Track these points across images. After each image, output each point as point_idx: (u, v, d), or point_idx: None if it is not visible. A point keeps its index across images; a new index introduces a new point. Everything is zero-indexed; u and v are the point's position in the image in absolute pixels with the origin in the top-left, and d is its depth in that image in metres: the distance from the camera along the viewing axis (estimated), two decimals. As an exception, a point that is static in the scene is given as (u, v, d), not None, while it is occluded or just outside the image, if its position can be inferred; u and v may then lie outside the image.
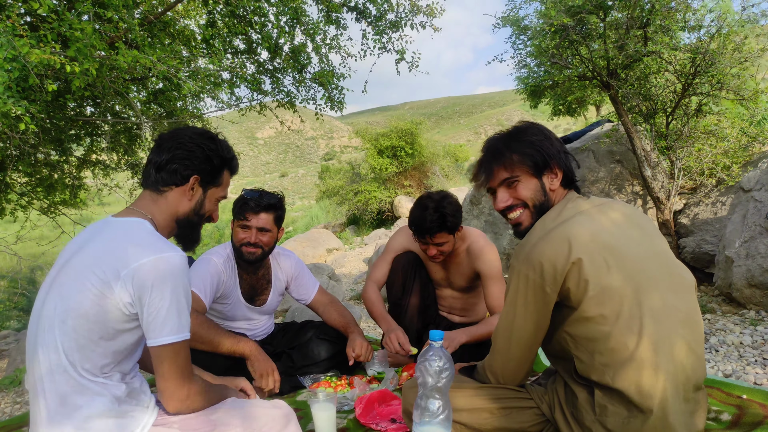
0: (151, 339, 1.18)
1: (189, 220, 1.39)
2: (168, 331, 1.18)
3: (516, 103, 52.84)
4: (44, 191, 4.48)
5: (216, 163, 1.39)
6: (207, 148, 1.37)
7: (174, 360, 1.20)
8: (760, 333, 3.18)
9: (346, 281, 8.03)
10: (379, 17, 4.13)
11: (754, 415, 1.69)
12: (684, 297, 1.31)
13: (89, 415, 1.17)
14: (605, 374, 1.25)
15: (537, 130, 1.46)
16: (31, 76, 2.18)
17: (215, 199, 1.44)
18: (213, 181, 1.41)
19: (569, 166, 1.44)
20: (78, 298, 1.17)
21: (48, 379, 1.17)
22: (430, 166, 14.31)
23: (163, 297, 1.17)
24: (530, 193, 1.42)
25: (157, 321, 1.17)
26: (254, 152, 64.65)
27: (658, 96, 4.66)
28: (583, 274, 1.24)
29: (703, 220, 4.56)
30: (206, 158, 1.37)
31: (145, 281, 1.16)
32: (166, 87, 3.88)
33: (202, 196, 1.40)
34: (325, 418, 1.63)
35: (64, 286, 1.20)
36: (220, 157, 1.40)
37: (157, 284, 1.16)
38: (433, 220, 2.10)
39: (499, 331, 1.41)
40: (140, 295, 1.16)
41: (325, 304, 2.45)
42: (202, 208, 1.41)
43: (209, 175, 1.39)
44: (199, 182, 1.37)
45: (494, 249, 2.29)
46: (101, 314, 1.16)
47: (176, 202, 1.36)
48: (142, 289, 1.16)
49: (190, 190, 1.36)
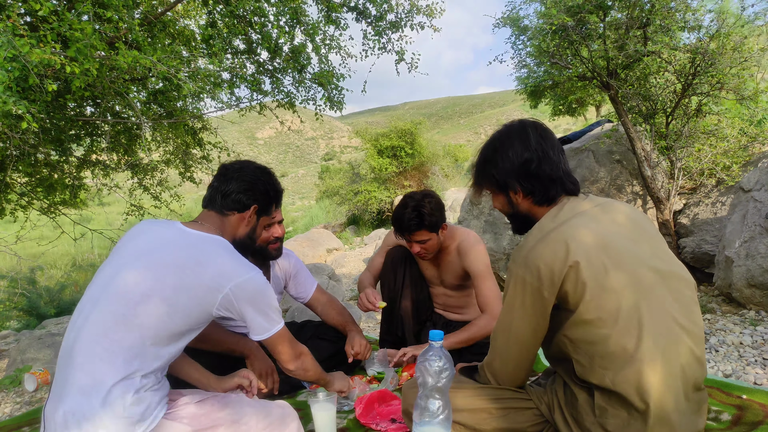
0: (256, 336, 1.45)
1: (243, 242, 1.62)
2: (269, 325, 1.45)
3: (516, 103, 52.82)
4: (44, 191, 4.47)
5: (272, 196, 1.67)
6: (266, 182, 1.65)
7: (280, 343, 1.50)
8: (760, 333, 3.18)
9: (346, 281, 8.03)
10: (379, 17, 4.12)
11: (754, 415, 1.70)
12: (684, 298, 1.30)
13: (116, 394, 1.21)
14: (605, 377, 1.25)
15: (494, 145, 1.43)
16: (31, 76, 2.18)
17: (265, 226, 1.73)
18: (266, 211, 1.67)
19: (531, 180, 1.38)
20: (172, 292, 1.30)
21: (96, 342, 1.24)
22: (430, 166, 14.31)
23: (262, 307, 1.42)
24: (499, 206, 1.50)
25: (260, 322, 1.43)
26: (254, 152, 64.64)
27: (658, 96, 4.66)
28: (580, 278, 1.24)
29: (703, 220, 4.56)
30: (265, 191, 1.64)
31: (245, 296, 1.38)
32: (166, 87, 3.88)
33: (256, 223, 1.66)
34: (324, 417, 1.64)
35: (155, 276, 1.32)
36: (276, 190, 1.69)
37: (254, 299, 1.40)
38: (411, 218, 2.13)
39: (497, 333, 1.41)
40: (240, 308, 1.38)
41: (323, 303, 2.45)
42: (254, 233, 1.67)
43: (265, 206, 1.65)
44: (255, 211, 1.62)
45: (483, 247, 2.31)
46: (189, 313, 1.32)
47: (236, 225, 1.60)
48: (242, 302, 1.38)
49: (249, 217, 1.61)
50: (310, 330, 2.46)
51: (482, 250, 2.29)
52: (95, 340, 1.25)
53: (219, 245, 1.43)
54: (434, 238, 2.21)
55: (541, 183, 1.38)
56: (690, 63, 4.26)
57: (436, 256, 2.38)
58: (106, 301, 1.29)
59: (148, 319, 1.27)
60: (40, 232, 4.90)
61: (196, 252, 1.37)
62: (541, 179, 1.37)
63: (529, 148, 1.37)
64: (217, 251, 1.40)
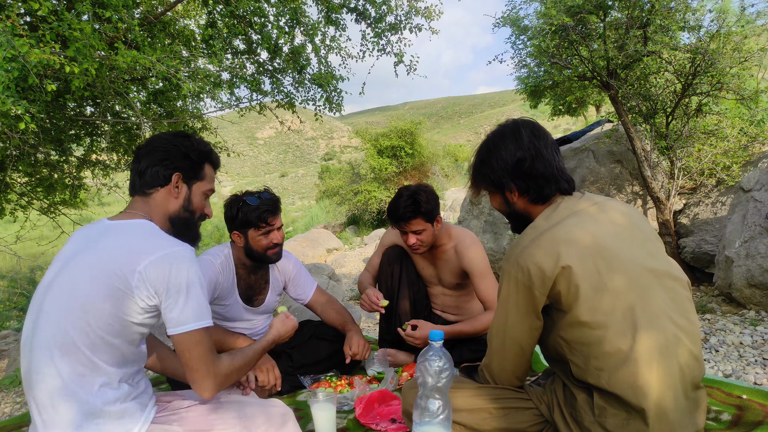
0: (171, 328, 1.23)
1: (181, 217, 1.44)
2: (186, 318, 1.23)
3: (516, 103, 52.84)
4: (44, 191, 4.48)
5: (195, 158, 1.44)
6: (182, 146, 1.42)
7: (195, 347, 1.24)
8: (760, 333, 3.18)
9: (346, 281, 8.03)
10: (378, 19, 4.12)
11: (754, 415, 1.69)
12: (679, 297, 1.30)
13: (88, 411, 1.18)
14: (600, 378, 1.25)
15: (488, 147, 1.45)
16: (31, 76, 2.18)
17: (201, 193, 1.48)
18: (195, 175, 1.45)
19: (525, 179, 1.39)
20: (91, 294, 1.20)
21: (48, 373, 1.18)
22: (430, 166, 14.32)
23: (180, 286, 1.23)
24: (496, 205, 1.51)
25: (176, 309, 1.23)
26: (254, 152, 64.65)
27: (658, 96, 4.66)
28: (573, 280, 1.24)
29: (703, 220, 4.56)
30: (184, 155, 1.42)
31: (162, 273, 1.21)
32: (166, 87, 3.88)
33: (188, 192, 1.45)
34: (324, 418, 1.63)
35: (73, 284, 1.23)
36: (198, 151, 1.45)
37: (172, 276, 1.22)
38: (407, 205, 2.15)
39: (493, 333, 1.41)
40: (157, 289, 1.22)
41: (323, 304, 2.45)
42: (190, 204, 1.46)
43: (190, 171, 1.44)
44: (182, 179, 1.43)
45: (480, 247, 2.32)
46: (117, 308, 1.21)
47: (164, 201, 1.41)
48: (159, 281, 1.21)
49: (174, 188, 1.42)
50: (309, 330, 2.45)
51: (480, 250, 2.30)
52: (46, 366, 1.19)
53: (135, 228, 1.31)
54: (429, 229, 2.23)
55: (535, 181, 1.38)
56: (690, 63, 4.26)
57: (433, 254, 2.39)
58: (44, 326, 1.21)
59: (77, 334, 1.19)
60: (40, 232, 4.89)
61: (109, 243, 1.27)
62: (535, 178, 1.38)
63: (522, 147, 1.38)
64: (131, 235, 1.29)
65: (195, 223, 1.49)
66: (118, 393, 1.22)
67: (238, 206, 2.13)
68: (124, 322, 1.22)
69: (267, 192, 2.20)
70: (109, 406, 1.20)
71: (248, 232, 2.15)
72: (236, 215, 2.13)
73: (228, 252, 2.24)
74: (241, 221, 2.13)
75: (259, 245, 2.15)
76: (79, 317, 1.19)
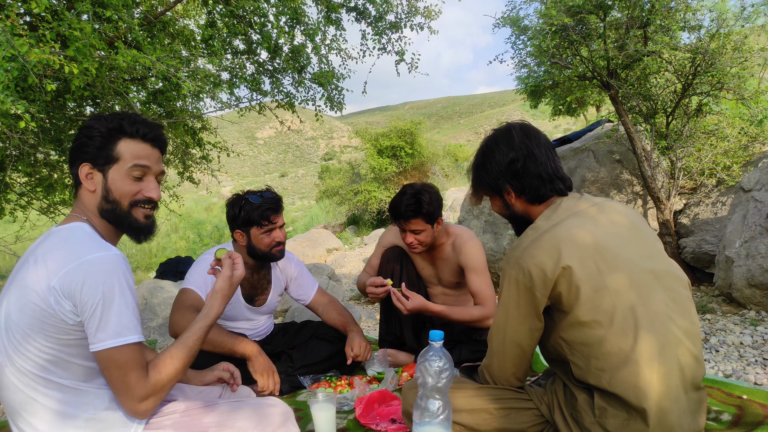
0: (91, 345, 1.12)
1: (105, 210, 1.26)
2: (105, 336, 1.11)
3: (516, 103, 52.81)
4: (44, 191, 4.47)
5: (98, 141, 1.24)
6: (86, 131, 1.25)
7: (117, 365, 1.12)
8: (761, 333, 3.18)
9: (346, 281, 8.03)
10: (378, 18, 4.12)
11: (754, 415, 1.69)
12: (678, 297, 1.30)
13: (69, 425, 1.15)
14: (601, 378, 1.25)
15: (483, 150, 1.47)
16: (31, 75, 2.17)
17: (124, 176, 1.26)
18: (107, 159, 1.25)
19: (519, 179, 1.40)
20: (18, 318, 1.13)
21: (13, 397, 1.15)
22: (430, 166, 14.32)
23: (95, 300, 1.10)
24: (497, 208, 1.52)
25: (93, 324, 1.10)
26: (254, 152, 64.66)
27: (658, 96, 4.65)
28: (573, 280, 1.24)
29: (703, 220, 4.56)
30: (88, 140, 1.24)
31: (75, 287, 1.10)
32: (166, 87, 3.87)
33: (104, 180, 1.25)
34: (324, 418, 1.63)
35: (10, 305, 1.16)
36: (99, 131, 1.24)
37: (86, 288, 1.10)
38: (409, 204, 2.14)
39: (493, 334, 1.41)
40: (74, 302, 1.10)
41: (324, 305, 2.45)
42: (110, 194, 1.25)
43: (98, 156, 1.24)
44: (93, 168, 1.25)
45: (478, 243, 2.30)
46: (47, 329, 1.12)
47: (87, 198, 1.26)
48: (74, 295, 1.10)
49: (88, 180, 1.25)
50: (310, 330, 2.45)
51: (477, 246, 2.29)
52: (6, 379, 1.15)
53: (62, 236, 1.19)
54: (428, 231, 2.21)
55: (530, 181, 1.40)
56: (690, 63, 4.26)
57: (432, 254, 2.38)
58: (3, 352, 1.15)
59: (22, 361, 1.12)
60: (39, 232, 4.87)
61: (34, 258, 1.17)
62: (529, 177, 1.40)
63: (514, 148, 1.41)
64: (55, 245, 1.17)
65: (126, 214, 1.28)
66: (97, 401, 1.18)
67: (241, 205, 2.14)
68: (63, 342, 1.13)
69: (269, 191, 2.21)
70: (87, 414, 1.17)
71: (251, 231, 2.15)
72: (239, 214, 2.14)
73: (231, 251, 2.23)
74: (243, 220, 2.13)
75: (262, 243, 2.16)
76: (14, 341, 1.13)
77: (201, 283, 2.09)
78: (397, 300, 2.16)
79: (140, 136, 1.29)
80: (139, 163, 1.27)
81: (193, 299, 2.05)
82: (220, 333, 2.00)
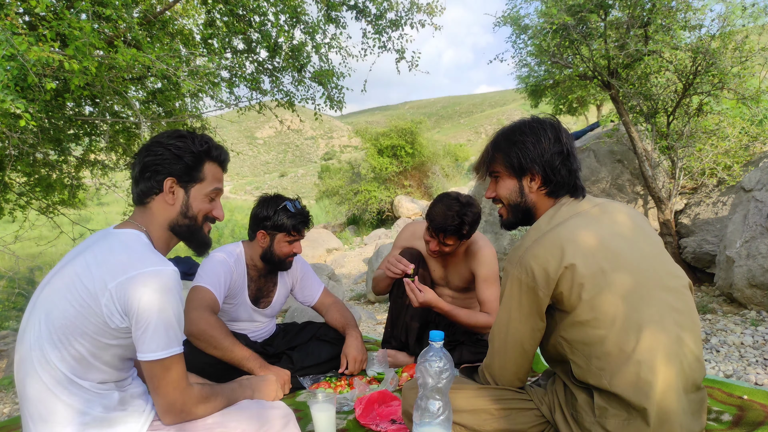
0: (140, 354, 1.17)
1: (181, 225, 1.34)
2: (156, 347, 1.16)
3: (516, 102, 52.83)
4: (43, 191, 4.47)
5: (188, 160, 1.32)
6: (174, 148, 1.31)
7: (165, 375, 1.18)
8: (761, 333, 3.17)
9: (346, 281, 8.03)
10: (379, 16, 4.12)
11: (755, 416, 1.69)
12: (680, 297, 1.30)
13: (79, 422, 1.16)
14: (602, 378, 1.24)
15: (531, 128, 1.42)
16: (30, 74, 2.17)
17: (203, 195, 1.36)
18: (192, 178, 1.34)
19: (555, 170, 1.39)
20: (64, 308, 1.16)
21: (32, 385, 1.16)
22: (430, 165, 14.31)
23: (151, 312, 1.15)
24: (506, 192, 1.45)
25: (146, 336, 1.16)
26: (254, 152, 64.65)
27: (659, 95, 4.65)
28: (576, 279, 1.23)
29: (704, 220, 4.55)
30: (176, 157, 1.31)
31: (133, 295, 1.14)
32: (165, 86, 3.87)
33: (185, 197, 1.34)
34: (324, 418, 1.63)
35: (54, 294, 1.19)
36: (191, 152, 1.32)
37: (144, 299, 1.14)
38: (454, 223, 2.12)
39: (495, 334, 1.41)
40: (127, 310, 1.15)
41: (328, 305, 2.44)
42: (189, 210, 1.34)
43: (185, 174, 1.32)
44: (176, 183, 1.32)
45: (492, 251, 2.29)
46: (87, 326, 1.15)
47: (161, 210, 1.32)
48: (129, 303, 1.14)
49: (169, 194, 1.31)
50: (311, 331, 2.44)
51: (491, 254, 2.28)
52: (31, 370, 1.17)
53: (122, 241, 1.23)
54: (457, 245, 2.22)
55: (562, 177, 1.39)
56: (691, 62, 4.26)
57: (445, 257, 2.38)
58: (31, 329, 1.19)
59: (51, 349, 1.16)
60: (38, 232, 4.88)
61: (92, 255, 1.20)
62: (563, 173, 1.39)
63: (561, 141, 1.40)
64: (115, 248, 1.21)
65: (199, 229, 1.38)
66: (106, 401, 1.20)
67: (276, 208, 2.14)
68: (96, 342, 1.17)
69: (299, 201, 2.23)
70: (96, 412, 1.18)
71: (277, 236, 2.16)
72: (272, 216, 2.13)
73: (240, 251, 2.23)
74: (275, 223, 2.13)
75: (281, 251, 2.18)
76: (51, 332, 1.16)
77: (215, 282, 2.08)
78: (410, 291, 2.15)
79: (220, 161, 1.40)
80: (219, 186, 1.40)
81: (209, 298, 2.04)
82: (232, 343, 1.98)
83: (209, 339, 1.94)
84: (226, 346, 1.96)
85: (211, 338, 1.94)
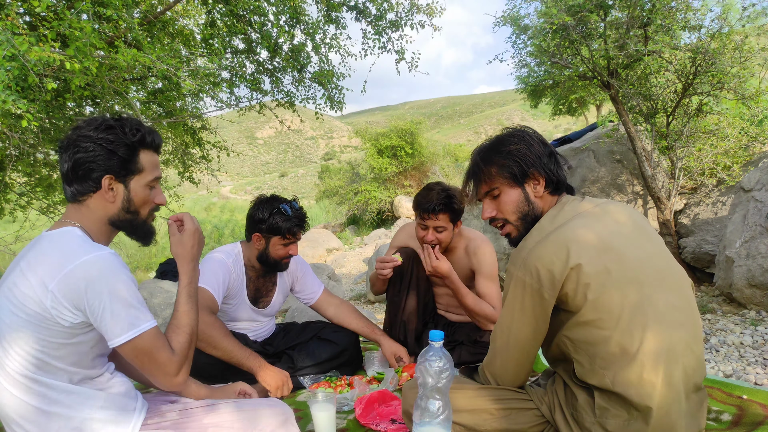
0: (110, 342, 1.15)
1: (122, 220, 1.28)
2: (120, 330, 1.14)
3: (516, 102, 52.81)
4: (43, 191, 4.48)
5: (123, 153, 1.24)
6: (105, 142, 1.23)
7: (141, 355, 1.17)
8: (761, 333, 3.17)
9: (346, 281, 8.03)
10: (379, 17, 4.12)
11: (754, 416, 1.69)
12: (683, 297, 1.30)
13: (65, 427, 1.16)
14: (605, 377, 1.24)
15: (516, 137, 1.43)
16: (31, 74, 2.17)
17: (143, 186, 1.29)
18: (130, 171, 1.26)
19: (552, 169, 1.40)
20: (11, 320, 1.14)
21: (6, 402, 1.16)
22: (430, 165, 14.31)
23: (101, 297, 1.12)
24: (511, 205, 1.42)
25: (106, 322, 1.13)
26: (254, 152, 64.64)
27: (659, 96, 4.65)
28: (582, 279, 1.23)
29: (703, 220, 4.56)
30: (109, 153, 1.23)
31: (77, 288, 1.11)
32: (166, 86, 3.88)
33: (126, 191, 1.27)
34: (324, 418, 1.63)
35: (1, 310, 1.17)
36: (125, 145, 1.24)
37: (90, 287, 1.11)
38: (440, 198, 2.14)
39: (497, 334, 1.41)
40: (77, 303, 1.12)
41: (336, 305, 2.45)
42: (131, 205, 1.28)
43: (122, 168, 1.25)
44: (114, 180, 1.25)
45: (492, 249, 2.30)
46: (40, 331, 1.13)
47: (100, 207, 1.26)
48: (77, 296, 1.12)
49: (108, 191, 1.25)
50: (311, 331, 2.44)
51: (490, 252, 2.29)
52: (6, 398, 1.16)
53: (56, 240, 1.19)
54: (449, 230, 2.22)
55: (559, 173, 1.42)
56: (691, 62, 4.26)
57: (443, 256, 2.38)
58: None
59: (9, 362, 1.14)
60: (39, 232, 4.88)
61: (26, 262, 1.17)
62: (559, 170, 1.43)
63: (544, 143, 1.44)
64: (48, 249, 1.17)
65: (143, 222, 1.32)
66: (91, 401, 1.19)
67: (272, 211, 2.13)
68: (52, 344, 1.14)
69: (296, 201, 2.22)
70: (83, 414, 1.17)
71: (272, 239, 2.16)
72: (267, 219, 2.13)
73: (238, 251, 2.23)
74: (270, 226, 2.13)
75: (276, 254, 2.18)
76: (7, 349, 1.14)
77: (213, 282, 2.08)
78: (428, 255, 2.17)
79: (155, 146, 1.32)
80: (158, 174, 1.32)
81: (208, 299, 2.04)
82: (231, 343, 1.99)
83: (208, 339, 1.94)
84: (226, 345, 1.96)
85: (210, 338, 1.95)
